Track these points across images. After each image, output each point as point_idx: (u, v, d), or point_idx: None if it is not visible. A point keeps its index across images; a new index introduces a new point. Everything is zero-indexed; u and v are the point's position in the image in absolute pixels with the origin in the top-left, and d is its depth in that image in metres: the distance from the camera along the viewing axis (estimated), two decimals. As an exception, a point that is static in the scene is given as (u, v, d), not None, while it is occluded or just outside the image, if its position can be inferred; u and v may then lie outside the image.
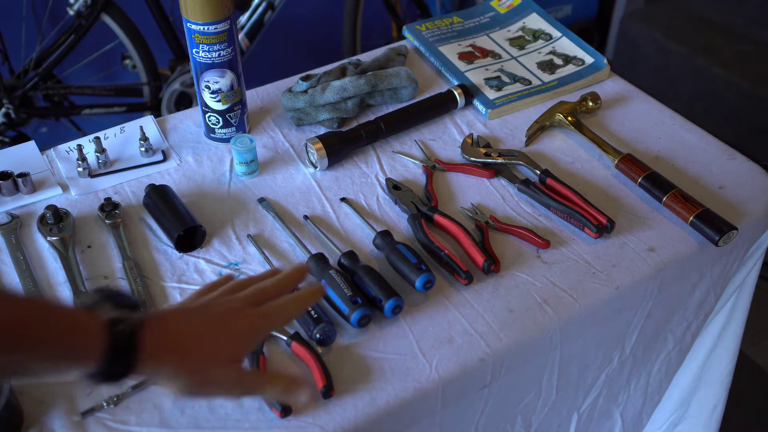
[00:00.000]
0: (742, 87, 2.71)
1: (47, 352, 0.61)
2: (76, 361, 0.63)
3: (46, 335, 0.61)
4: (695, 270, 1.08)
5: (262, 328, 0.74)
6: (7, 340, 0.58)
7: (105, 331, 0.63)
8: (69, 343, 0.62)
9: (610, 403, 1.20)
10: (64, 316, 0.63)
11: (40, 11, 2.27)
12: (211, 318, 0.71)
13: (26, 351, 0.60)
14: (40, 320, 0.61)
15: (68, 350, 0.62)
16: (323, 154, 1.14)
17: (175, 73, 2.29)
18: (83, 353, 0.63)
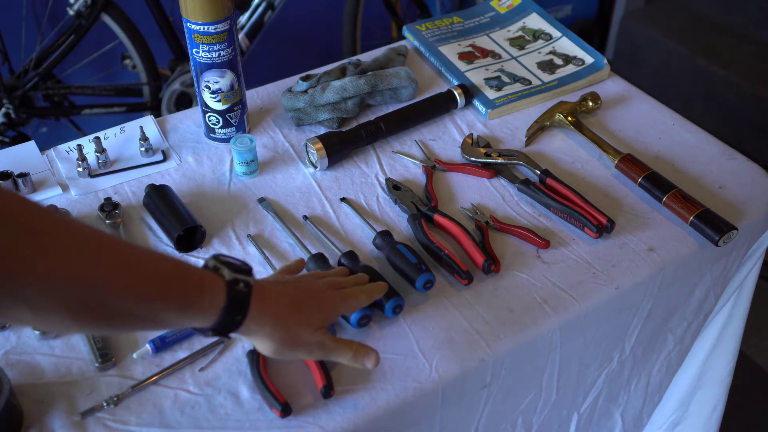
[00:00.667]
0: (742, 87, 2.71)
1: (179, 305, 0.69)
2: (198, 314, 0.71)
3: (182, 289, 0.69)
4: (695, 270, 1.09)
5: (342, 305, 0.85)
6: (154, 289, 0.67)
7: (225, 290, 0.71)
8: (198, 299, 0.70)
9: (610, 403, 1.20)
10: (196, 274, 0.71)
11: (40, 11, 2.27)
12: (304, 291, 0.83)
13: (166, 301, 0.68)
14: (180, 275, 0.70)
15: (196, 305, 0.70)
16: (323, 154, 1.14)
17: (175, 73, 2.29)
18: (206, 308, 0.71)
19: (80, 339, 0.91)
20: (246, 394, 0.86)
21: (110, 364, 0.88)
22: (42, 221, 0.62)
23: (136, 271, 0.66)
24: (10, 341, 0.91)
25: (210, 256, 0.76)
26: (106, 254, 0.65)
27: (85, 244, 0.64)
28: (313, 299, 0.82)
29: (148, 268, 0.68)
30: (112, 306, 0.65)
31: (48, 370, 0.88)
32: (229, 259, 0.75)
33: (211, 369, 0.89)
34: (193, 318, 0.71)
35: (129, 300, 0.66)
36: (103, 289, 0.63)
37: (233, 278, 0.73)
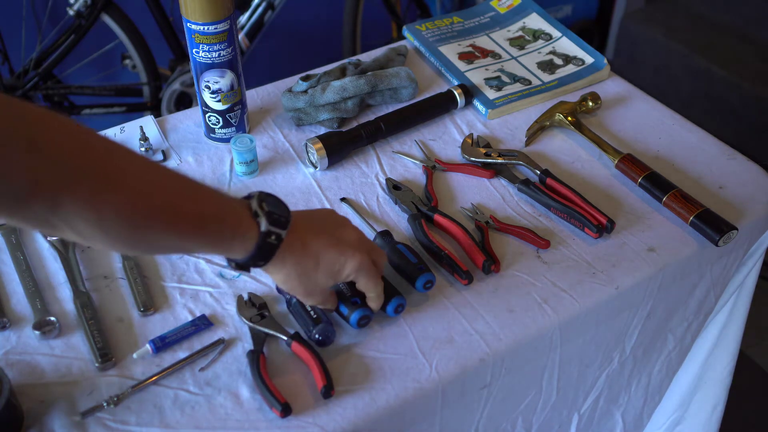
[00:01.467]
0: (742, 87, 2.71)
1: (212, 244, 0.76)
2: (227, 252, 0.78)
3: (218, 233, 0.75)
4: (695, 270, 1.09)
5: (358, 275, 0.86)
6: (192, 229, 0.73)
7: (257, 240, 0.77)
8: (229, 242, 0.76)
9: (611, 404, 1.20)
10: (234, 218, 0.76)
11: (40, 11, 2.27)
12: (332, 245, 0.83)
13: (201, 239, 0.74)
14: (219, 218, 0.75)
15: (226, 246, 0.77)
16: (323, 154, 1.14)
17: (175, 73, 2.29)
18: (235, 249, 0.77)
19: (80, 339, 0.91)
20: (246, 394, 0.86)
21: (110, 364, 0.88)
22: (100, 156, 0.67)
23: (179, 212, 0.72)
24: (10, 341, 0.91)
25: (257, 194, 0.79)
26: (154, 195, 0.70)
27: (137, 182, 0.69)
28: (335, 263, 0.84)
29: (190, 208, 0.73)
30: (152, 239, 0.72)
31: (48, 370, 0.88)
32: (271, 207, 0.79)
33: (211, 369, 0.89)
34: (222, 253, 0.79)
35: (168, 236, 0.72)
36: (146, 227, 0.70)
37: (267, 230, 0.77)
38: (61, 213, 0.65)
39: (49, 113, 0.65)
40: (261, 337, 0.91)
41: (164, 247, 0.77)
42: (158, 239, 0.72)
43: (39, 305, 0.94)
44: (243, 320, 0.93)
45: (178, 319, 0.94)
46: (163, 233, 0.71)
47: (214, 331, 0.93)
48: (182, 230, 0.73)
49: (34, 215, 0.65)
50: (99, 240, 0.69)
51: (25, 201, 0.63)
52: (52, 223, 0.66)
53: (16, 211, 0.65)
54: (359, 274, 0.86)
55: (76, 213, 0.65)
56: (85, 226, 0.67)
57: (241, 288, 0.98)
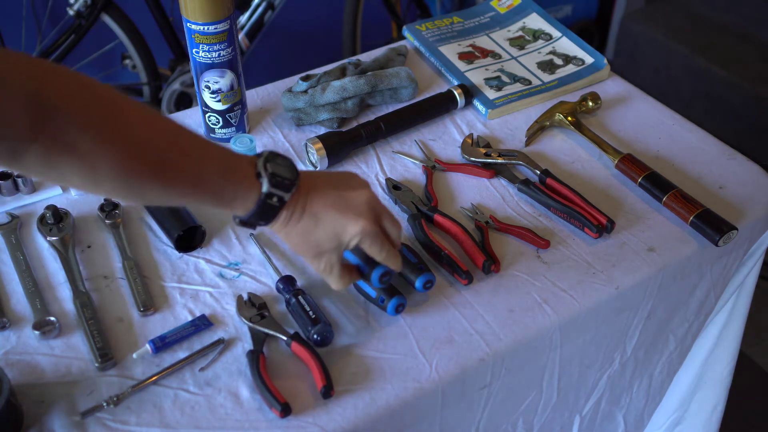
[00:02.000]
0: (742, 87, 2.71)
1: (212, 202, 0.77)
2: (227, 209, 0.79)
3: (218, 194, 0.76)
4: (695, 270, 1.09)
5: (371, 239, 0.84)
6: (191, 189, 0.74)
7: (256, 201, 0.77)
8: (229, 202, 0.77)
9: (613, 405, 1.20)
10: (237, 178, 0.76)
11: (40, 11, 2.27)
12: (337, 216, 0.82)
13: (200, 198, 0.76)
14: (220, 180, 0.75)
15: (226, 205, 0.78)
16: (323, 154, 1.14)
17: (175, 73, 2.29)
18: (236, 208, 0.78)
19: (80, 339, 0.91)
20: (246, 394, 0.86)
21: (110, 364, 0.88)
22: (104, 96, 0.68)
23: (176, 168, 0.72)
24: (10, 341, 0.91)
25: (264, 154, 0.79)
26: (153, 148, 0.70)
27: (135, 139, 0.69)
28: (340, 226, 0.82)
29: (188, 166, 0.73)
30: (146, 193, 0.73)
31: (48, 370, 0.88)
32: (277, 169, 0.78)
33: (211, 369, 0.89)
34: (223, 209, 0.79)
35: (164, 192, 0.73)
36: (140, 183, 0.70)
37: (269, 192, 0.77)
38: (56, 166, 0.66)
39: (58, 68, 0.66)
40: (261, 337, 0.91)
41: (159, 200, 0.78)
42: (152, 194, 0.73)
43: (39, 305, 0.94)
44: (243, 320, 0.93)
45: (178, 319, 0.94)
46: (158, 189, 0.72)
47: (214, 331, 0.93)
48: (178, 188, 0.73)
49: (28, 166, 0.67)
50: (93, 192, 0.71)
51: (20, 153, 0.65)
52: (48, 175, 0.68)
53: (11, 161, 0.66)
54: (363, 239, 0.83)
55: (71, 168, 0.67)
56: (79, 181, 0.69)
57: (241, 288, 0.98)
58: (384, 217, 0.86)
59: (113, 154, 0.68)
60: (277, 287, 0.96)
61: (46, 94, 0.64)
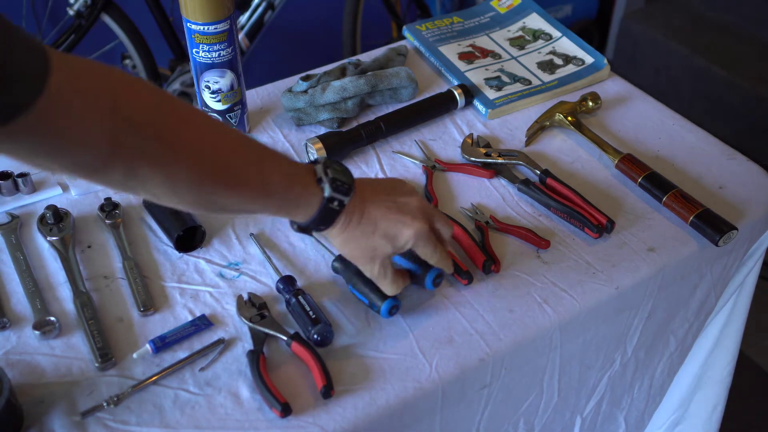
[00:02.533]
0: (742, 87, 2.71)
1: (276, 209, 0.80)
2: (291, 216, 0.82)
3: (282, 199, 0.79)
4: (695, 270, 1.09)
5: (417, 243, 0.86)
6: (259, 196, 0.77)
7: (319, 206, 0.80)
8: (293, 209, 0.80)
9: (614, 407, 1.19)
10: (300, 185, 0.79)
11: (40, 11, 2.27)
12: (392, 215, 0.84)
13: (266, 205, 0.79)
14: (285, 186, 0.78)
15: (292, 210, 0.80)
16: (323, 154, 1.14)
17: (175, 73, 2.29)
18: (299, 215, 0.81)
19: (80, 339, 0.91)
20: (246, 394, 0.86)
21: (110, 364, 0.88)
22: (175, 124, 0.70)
23: (246, 179, 0.75)
24: (10, 341, 0.91)
25: (323, 160, 0.82)
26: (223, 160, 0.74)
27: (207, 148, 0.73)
28: (393, 229, 0.84)
29: (256, 176, 0.76)
30: (221, 202, 0.76)
31: (48, 370, 0.88)
32: (335, 174, 0.81)
33: (211, 369, 0.89)
34: (285, 216, 0.82)
35: (236, 200, 0.76)
36: (215, 192, 0.74)
37: (330, 196, 0.80)
38: (138, 177, 0.69)
39: (130, 78, 0.68)
40: (261, 337, 0.91)
41: (231, 209, 0.79)
42: (225, 202, 0.76)
43: (39, 305, 0.94)
44: (243, 320, 0.93)
45: (178, 319, 0.94)
46: (229, 197, 0.75)
47: (214, 331, 0.93)
48: (247, 195, 0.76)
49: (111, 178, 0.69)
50: (171, 201, 0.73)
51: (104, 165, 0.66)
52: (130, 186, 0.70)
53: (95, 174, 0.68)
54: (417, 241, 0.86)
55: (151, 177, 0.69)
56: (159, 189, 0.71)
57: (241, 288, 0.98)
58: (435, 220, 0.89)
59: (187, 164, 0.71)
60: (277, 287, 0.96)
61: (123, 105, 0.65)
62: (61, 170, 0.71)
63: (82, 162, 0.66)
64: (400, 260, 0.93)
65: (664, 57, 2.94)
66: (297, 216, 0.81)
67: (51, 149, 0.64)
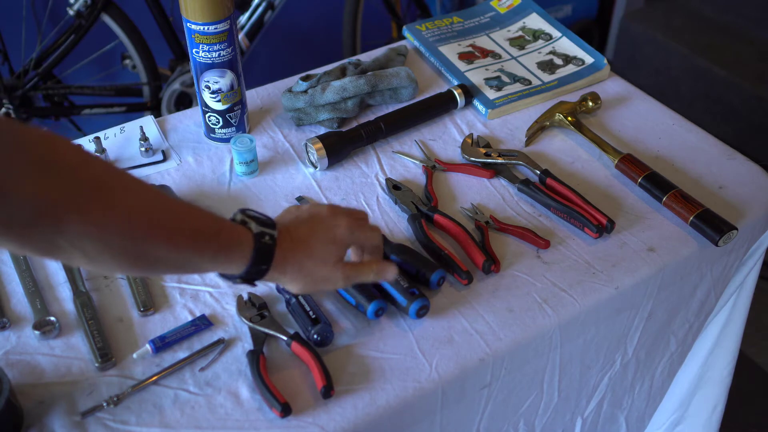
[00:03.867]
0: (742, 87, 2.71)
1: (212, 256, 0.77)
2: (228, 263, 0.78)
3: (215, 243, 0.77)
4: (695, 270, 1.09)
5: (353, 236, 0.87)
6: (191, 242, 0.75)
7: (252, 243, 0.78)
8: (228, 251, 0.78)
9: (615, 407, 1.19)
10: (228, 228, 0.78)
11: (40, 11, 2.27)
12: (319, 228, 0.85)
13: (200, 252, 0.76)
14: (214, 230, 0.77)
15: (226, 256, 0.78)
16: (323, 154, 1.14)
17: (175, 73, 2.29)
18: (235, 259, 0.78)
19: (80, 339, 0.91)
20: (246, 394, 0.86)
21: (110, 364, 0.88)
22: (104, 177, 0.69)
23: (177, 227, 0.74)
24: (10, 341, 0.91)
25: (238, 211, 0.82)
26: (153, 211, 0.73)
27: (137, 200, 0.71)
28: (327, 234, 0.85)
29: (186, 224, 0.75)
30: (154, 255, 0.73)
31: (48, 370, 0.88)
32: (255, 214, 0.82)
33: (211, 369, 0.89)
34: (223, 266, 0.79)
35: (169, 251, 0.74)
36: (148, 241, 0.71)
37: (260, 231, 0.80)
38: (67, 234, 0.66)
39: (51, 134, 0.66)
40: (261, 337, 0.91)
41: (166, 264, 0.77)
42: (160, 255, 0.73)
43: (39, 305, 0.94)
44: (243, 320, 0.93)
45: (178, 319, 0.94)
46: (164, 249, 0.73)
47: (214, 331, 0.93)
48: (181, 244, 0.74)
49: (41, 237, 0.66)
50: (104, 259, 0.70)
51: (34, 222, 0.64)
52: (59, 245, 0.67)
53: (24, 234, 0.65)
54: (354, 230, 0.87)
55: (83, 232, 0.67)
56: (91, 246, 0.68)
57: (241, 288, 0.98)
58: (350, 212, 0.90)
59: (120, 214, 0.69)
60: (277, 287, 0.96)
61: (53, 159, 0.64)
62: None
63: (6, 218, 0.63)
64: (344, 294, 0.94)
65: (664, 57, 2.94)
66: (234, 262, 0.78)
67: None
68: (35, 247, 0.68)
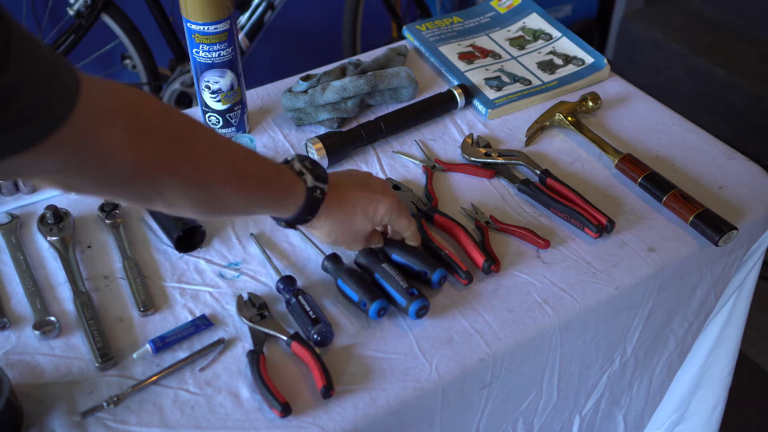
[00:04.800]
0: (742, 87, 2.71)
1: (271, 201, 0.84)
2: (281, 208, 0.85)
3: (275, 189, 0.83)
4: (695, 270, 1.09)
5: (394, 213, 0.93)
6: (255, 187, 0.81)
7: (305, 195, 0.85)
8: (284, 198, 0.84)
9: (613, 405, 1.19)
10: (286, 177, 0.84)
11: (40, 11, 2.27)
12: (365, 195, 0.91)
13: (262, 197, 0.83)
14: (274, 177, 0.83)
15: (282, 202, 0.84)
16: (323, 154, 1.14)
17: (175, 73, 2.29)
18: (288, 205, 0.85)
19: (80, 339, 0.91)
20: (246, 394, 0.86)
21: (110, 364, 0.88)
22: (185, 133, 0.74)
23: (246, 174, 0.80)
24: (10, 341, 0.91)
25: (295, 157, 0.87)
26: (228, 161, 0.79)
27: (215, 152, 0.77)
28: (369, 206, 0.91)
29: (253, 171, 0.81)
30: (224, 200, 0.80)
31: (48, 370, 0.88)
32: (312, 165, 0.87)
33: (211, 369, 0.89)
34: (277, 211, 0.86)
35: (237, 196, 0.81)
36: (221, 188, 0.78)
37: (313, 185, 0.85)
38: (157, 185, 0.72)
39: (140, 93, 0.71)
40: (261, 337, 0.91)
41: (232, 207, 0.84)
42: (228, 200, 0.80)
43: (39, 305, 0.94)
44: (243, 320, 0.93)
45: (178, 319, 0.94)
46: (232, 195, 0.80)
47: (214, 331, 0.93)
48: (248, 191, 0.81)
49: (135, 190, 0.73)
50: (182, 204, 0.76)
51: (129, 178, 0.70)
52: (148, 196, 0.74)
53: (120, 187, 0.71)
54: (392, 214, 0.92)
55: (170, 184, 0.73)
56: (176, 196, 0.75)
57: (241, 288, 0.98)
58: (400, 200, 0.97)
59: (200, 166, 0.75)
60: (277, 287, 0.96)
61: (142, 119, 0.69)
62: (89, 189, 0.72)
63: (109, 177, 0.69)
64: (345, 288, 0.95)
65: (664, 57, 2.94)
66: (286, 208, 0.85)
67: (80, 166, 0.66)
68: (129, 198, 0.76)
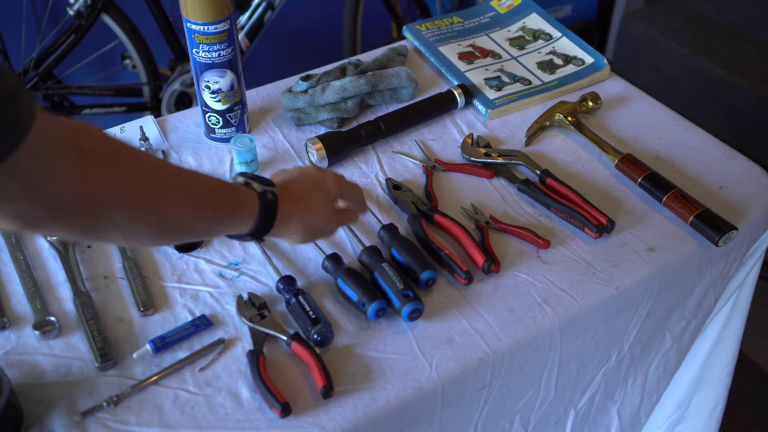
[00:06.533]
0: (742, 87, 2.71)
1: (225, 216, 0.82)
2: (239, 222, 0.84)
3: (228, 203, 0.82)
4: (695, 270, 1.08)
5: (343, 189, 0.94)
6: (209, 206, 0.80)
7: (258, 200, 0.84)
8: (239, 210, 0.83)
9: (607, 400, 1.19)
10: (236, 190, 0.84)
11: (40, 11, 2.27)
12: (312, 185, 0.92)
13: (216, 214, 0.81)
14: (225, 191, 0.83)
15: (237, 214, 0.83)
16: (323, 154, 1.14)
17: (175, 73, 2.29)
18: (245, 216, 0.84)
19: (80, 339, 0.91)
20: (246, 394, 0.86)
21: (110, 364, 0.88)
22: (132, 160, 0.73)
23: (198, 194, 0.80)
24: (10, 341, 0.91)
25: (237, 174, 0.87)
26: (180, 186, 0.78)
27: (166, 178, 0.77)
28: (319, 189, 0.92)
29: (204, 189, 0.81)
30: (182, 223, 0.79)
31: (48, 370, 0.88)
32: (254, 175, 0.87)
33: (211, 369, 0.89)
34: (237, 223, 0.84)
35: (194, 217, 0.80)
36: (177, 213, 0.77)
37: (263, 190, 0.85)
38: (110, 215, 0.70)
39: (83, 125, 0.70)
40: (261, 337, 0.91)
41: (193, 229, 0.82)
42: (187, 224, 0.80)
43: (39, 305, 0.94)
44: (243, 320, 0.93)
45: (178, 319, 0.94)
46: (190, 217, 0.79)
47: (214, 331, 0.93)
48: (201, 208, 0.80)
49: (89, 220, 0.70)
50: (139, 234, 0.76)
51: (80, 205, 0.67)
52: (101, 226, 0.72)
53: (68, 220, 0.69)
54: (340, 185, 0.93)
55: (124, 212, 0.71)
56: (131, 224, 0.73)
57: (241, 288, 0.98)
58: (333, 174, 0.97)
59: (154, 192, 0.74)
60: (277, 287, 0.96)
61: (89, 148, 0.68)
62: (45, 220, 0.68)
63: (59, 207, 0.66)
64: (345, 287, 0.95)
65: (664, 57, 2.94)
66: (245, 220, 0.84)
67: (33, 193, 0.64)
68: (86, 231, 0.73)
